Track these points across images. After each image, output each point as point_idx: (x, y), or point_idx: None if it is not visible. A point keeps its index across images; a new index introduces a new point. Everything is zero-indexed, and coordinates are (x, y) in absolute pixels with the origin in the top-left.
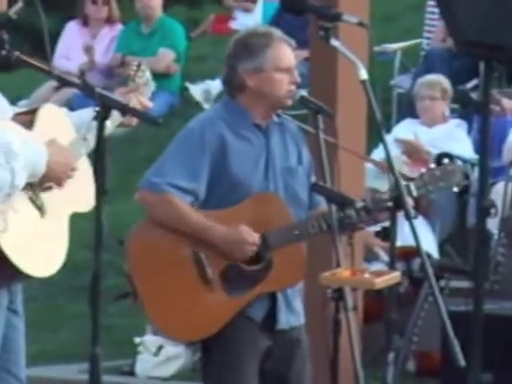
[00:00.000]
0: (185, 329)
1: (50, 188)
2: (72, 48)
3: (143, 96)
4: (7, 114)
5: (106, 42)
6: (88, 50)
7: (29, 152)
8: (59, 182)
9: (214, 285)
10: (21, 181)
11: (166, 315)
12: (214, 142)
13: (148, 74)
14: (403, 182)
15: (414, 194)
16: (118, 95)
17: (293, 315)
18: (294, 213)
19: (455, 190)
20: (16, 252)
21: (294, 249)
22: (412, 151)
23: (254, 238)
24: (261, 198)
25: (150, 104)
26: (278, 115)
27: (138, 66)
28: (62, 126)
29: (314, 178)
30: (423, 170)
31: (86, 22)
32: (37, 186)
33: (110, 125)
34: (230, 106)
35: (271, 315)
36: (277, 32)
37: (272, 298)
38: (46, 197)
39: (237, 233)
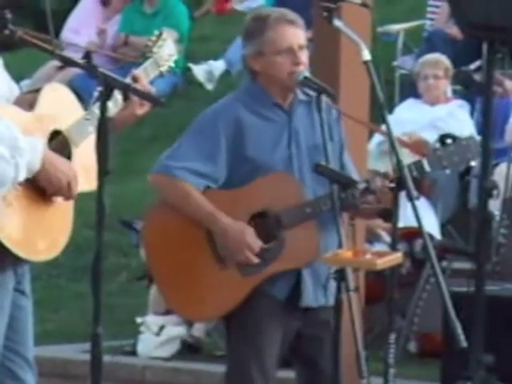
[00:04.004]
0: (199, 308)
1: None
2: (83, 23)
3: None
4: (14, 92)
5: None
6: (101, 33)
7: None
8: (52, 187)
9: (227, 263)
10: (22, 177)
11: (180, 295)
12: (230, 126)
13: (170, 43)
14: (413, 160)
15: (427, 169)
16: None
17: (322, 293)
18: (321, 191)
19: (473, 163)
20: (15, 240)
21: (306, 226)
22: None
23: (256, 244)
24: (274, 177)
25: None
26: (307, 94)
27: (160, 34)
28: (66, 105)
29: (346, 156)
30: (425, 151)
31: (106, 3)
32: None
33: (112, 108)
34: (250, 88)
35: (297, 293)
36: (276, 13)
37: (297, 275)
38: None
39: (240, 233)
